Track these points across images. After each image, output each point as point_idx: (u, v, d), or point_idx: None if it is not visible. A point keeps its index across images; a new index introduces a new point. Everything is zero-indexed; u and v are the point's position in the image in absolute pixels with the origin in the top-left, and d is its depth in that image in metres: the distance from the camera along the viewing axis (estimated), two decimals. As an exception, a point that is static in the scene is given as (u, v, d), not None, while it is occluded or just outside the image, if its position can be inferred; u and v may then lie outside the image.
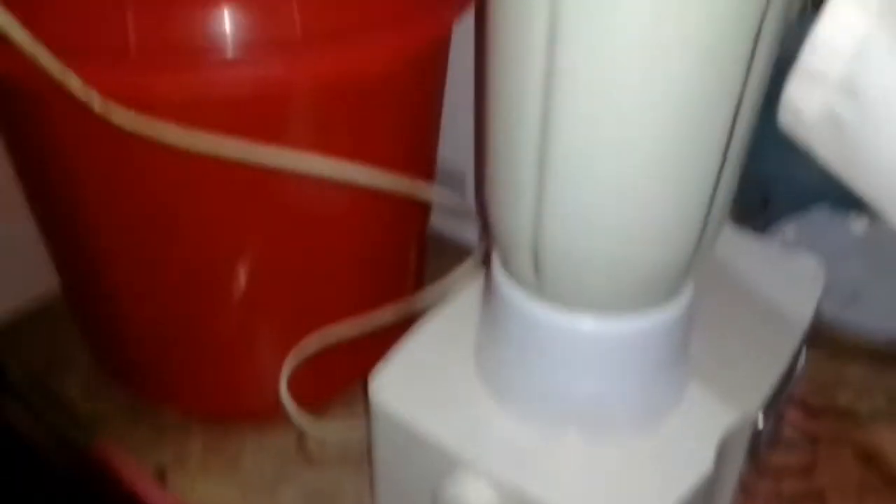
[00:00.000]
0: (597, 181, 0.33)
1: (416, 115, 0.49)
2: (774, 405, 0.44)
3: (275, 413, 0.51)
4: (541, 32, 0.30)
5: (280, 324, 0.50)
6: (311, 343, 0.48)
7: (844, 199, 0.69)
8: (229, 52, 0.38)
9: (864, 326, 0.61)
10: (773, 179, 0.67)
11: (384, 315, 0.51)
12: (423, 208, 0.56)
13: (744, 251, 0.52)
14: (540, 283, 0.37)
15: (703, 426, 0.40)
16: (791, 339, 0.46)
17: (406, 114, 0.48)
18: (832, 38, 0.25)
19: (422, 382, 0.42)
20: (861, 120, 0.25)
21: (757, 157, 0.73)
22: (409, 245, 0.55)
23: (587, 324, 0.37)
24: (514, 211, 0.36)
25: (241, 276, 0.47)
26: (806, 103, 0.27)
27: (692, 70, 0.30)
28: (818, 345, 0.61)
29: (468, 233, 0.66)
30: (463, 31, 0.50)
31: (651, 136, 0.31)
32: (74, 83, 0.36)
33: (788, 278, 0.50)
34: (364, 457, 0.52)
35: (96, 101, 0.36)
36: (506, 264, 0.40)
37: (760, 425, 0.41)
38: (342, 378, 0.54)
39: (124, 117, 0.37)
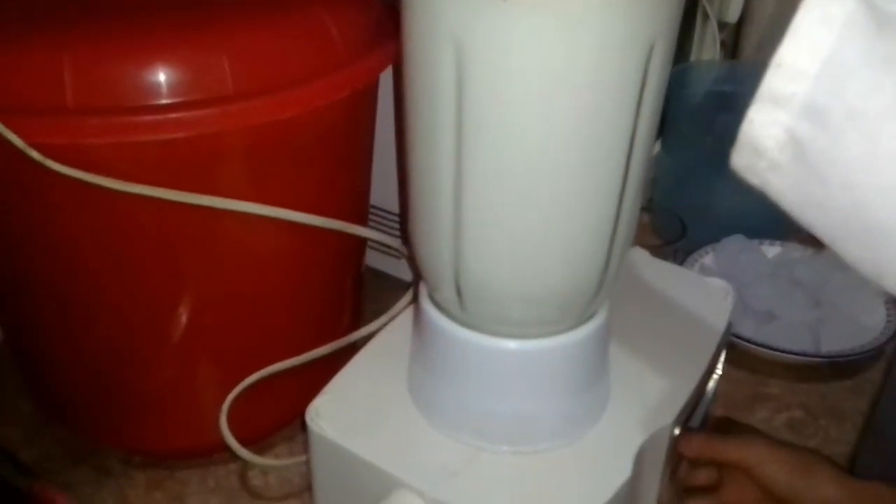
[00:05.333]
0: (507, 219, 0.36)
1: (345, 159, 0.52)
2: (690, 415, 0.47)
3: (217, 451, 0.53)
4: (450, 87, 0.34)
5: (220, 362, 0.52)
6: (251, 380, 0.50)
7: (757, 229, 0.74)
8: (164, 103, 0.40)
9: (780, 344, 0.64)
10: (690, 213, 0.72)
11: (322, 351, 0.52)
12: (357, 247, 0.58)
13: (661, 279, 0.55)
14: (464, 311, 0.40)
15: (623, 437, 0.42)
16: (704, 354, 0.49)
17: (336, 158, 0.50)
18: (797, 59, 0.23)
19: (356, 408, 0.44)
20: (825, 146, 0.23)
21: (675, 192, 0.78)
22: (344, 282, 0.57)
23: (509, 346, 0.40)
24: (436, 247, 0.39)
25: (181, 317, 0.49)
26: (768, 130, 0.24)
27: (585, 115, 0.33)
28: (739, 364, 0.65)
29: (405, 271, 0.69)
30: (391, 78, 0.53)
31: (553, 173, 0.35)
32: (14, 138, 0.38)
33: (701, 299, 0.53)
34: (306, 489, 0.53)
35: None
36: (432, 295, 0.42)
37: (676, 434, 0.44)
38: (283, 413, 0.56)
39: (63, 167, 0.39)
